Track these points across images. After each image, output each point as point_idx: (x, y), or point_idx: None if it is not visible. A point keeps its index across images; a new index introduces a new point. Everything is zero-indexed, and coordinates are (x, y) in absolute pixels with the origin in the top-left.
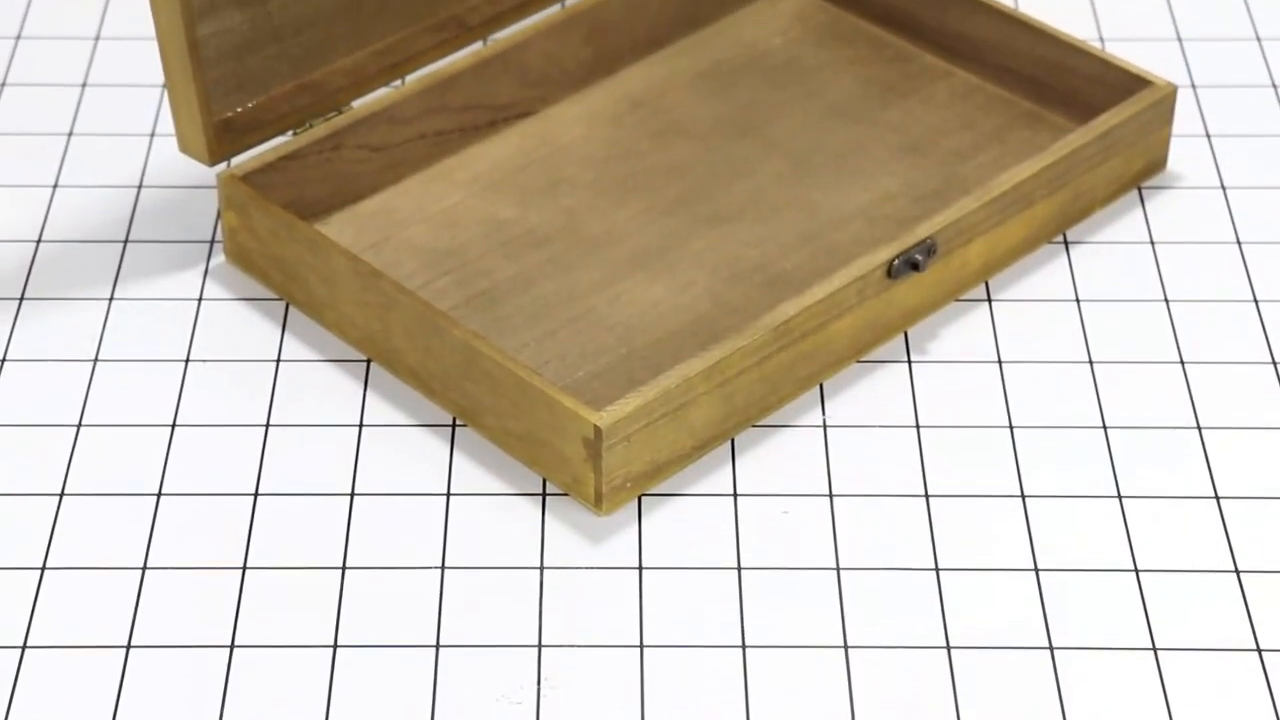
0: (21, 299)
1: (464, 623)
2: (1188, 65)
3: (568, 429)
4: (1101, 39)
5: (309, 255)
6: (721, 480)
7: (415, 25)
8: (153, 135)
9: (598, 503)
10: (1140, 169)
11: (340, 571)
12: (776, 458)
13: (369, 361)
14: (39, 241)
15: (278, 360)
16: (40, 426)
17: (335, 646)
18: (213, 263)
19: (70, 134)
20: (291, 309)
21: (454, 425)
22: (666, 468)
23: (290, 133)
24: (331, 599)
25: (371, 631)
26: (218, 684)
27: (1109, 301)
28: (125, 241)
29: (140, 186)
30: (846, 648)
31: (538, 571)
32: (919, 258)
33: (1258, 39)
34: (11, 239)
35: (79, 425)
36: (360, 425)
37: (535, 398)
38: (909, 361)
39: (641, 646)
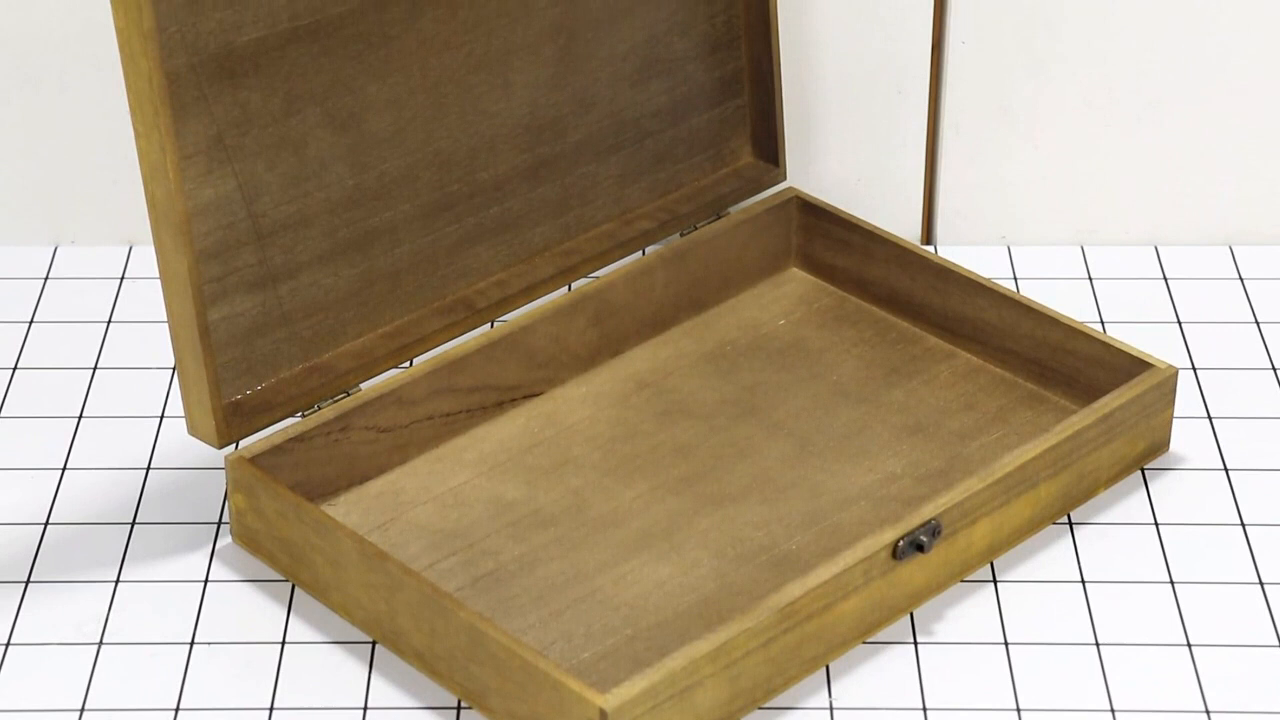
0: (28, 582)
1: None
2: (1188, 348)
3: (573, 711)
4: (1102, 322)
5: (315, 537)
6: None
7: (423, 308)
8: (162, 417)
9: None
10: (1143, 450)
11: None
12: None
13: (374, 643)
14: (46, 524)
15: (283, 642)
16: (43, 712)
17: None
18: (219, 544)
19: (80, 416)
20: (297, 590)
21: (459, 708)
22: None
23: (299, 414)
24: None
25: None
26: None
27: (1114, 583)
28: (132, 524)
29: (149, 468)
30: None
31: None
32: (924, 539)
33: (1256, 322)
34: (19, 521)
35: (82, 709)
36: (365, 708)
37: (541, 679)
38: (915, 643)
39: None
